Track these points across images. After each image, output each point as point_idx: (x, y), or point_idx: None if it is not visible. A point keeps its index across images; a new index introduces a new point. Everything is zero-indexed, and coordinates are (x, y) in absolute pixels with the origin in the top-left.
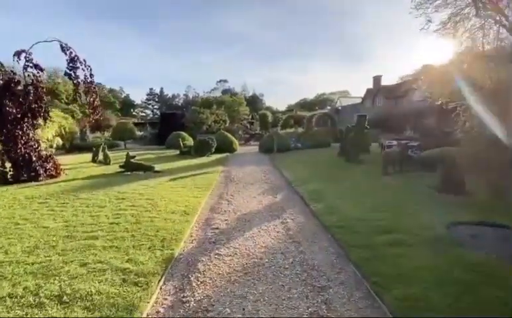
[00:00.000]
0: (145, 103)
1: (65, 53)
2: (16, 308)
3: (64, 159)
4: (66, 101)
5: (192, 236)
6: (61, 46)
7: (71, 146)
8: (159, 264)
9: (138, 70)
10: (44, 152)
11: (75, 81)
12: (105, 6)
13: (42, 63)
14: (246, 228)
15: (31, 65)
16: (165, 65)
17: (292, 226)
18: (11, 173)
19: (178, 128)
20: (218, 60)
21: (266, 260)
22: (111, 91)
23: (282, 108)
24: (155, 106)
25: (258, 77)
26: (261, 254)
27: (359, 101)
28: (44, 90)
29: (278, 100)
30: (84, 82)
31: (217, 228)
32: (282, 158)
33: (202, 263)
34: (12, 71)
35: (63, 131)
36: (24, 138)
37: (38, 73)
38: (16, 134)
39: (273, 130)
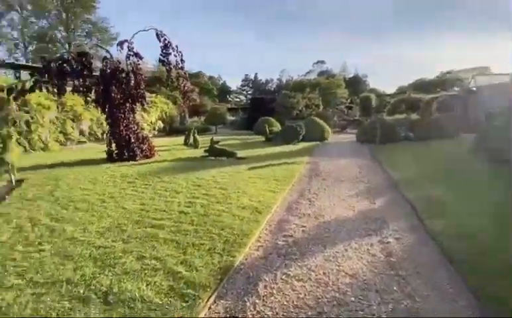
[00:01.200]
0: (240, 89)
1: (160, 41)
2: (65, 298)
3: (162, 141)
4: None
5: (259, 241)
6: (156, 33)
7: (171, 128)
8: (214, 274)
9: (234, 58)
10: (141, 134)
11: (167, 67)
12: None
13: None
14: (328, 242)
15: (132, 53)
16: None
17: (396, 250)
18: (116, 152)
19: (266, 113)
20: (315, 42)
21: (352, 299)
22: (210, 78)
23: (391, 90)
24: (249, 92)
25: (361, 57)
26: (346, 286)
27: (508, 78)
28: (143, 77)
29: (385, 81)
30: (176, 68)
31: (290, 236)
32: (387, 151)
33: (264, 283)
34: (118, 60)
35: (164, 115)
36: (125, 121)
37: (138, 61)
38: (119, 117)
39: (377, 116)
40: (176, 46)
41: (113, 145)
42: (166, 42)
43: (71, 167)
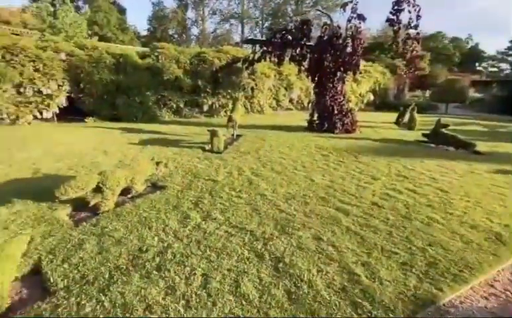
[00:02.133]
0: (502, 53)
1: None
2: (246, 247)
3: (368, 116)
4: (393, 55)
5: (492, 286)
6: None
7: (382, 103)
8: (404, 299)
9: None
10: (345, 106)
11: (395, 27)
12: None
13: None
14: None
15: (355, 15)
16: None
17: None
18: (317, 122)
19: None
20: None
21: None
22: (453, 40)
23: None
24: None
25: None
26: None
27: None
28: (362, 42)
29: None
30: (407, 27)
31: None
32: None
33: None
34: (338, 25)
35: (377, 87)
36: (332, 90)
37: (359, 23)
38: (327, 86)
39: None
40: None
41: (315, 115)
42: None
43: (277, 130)
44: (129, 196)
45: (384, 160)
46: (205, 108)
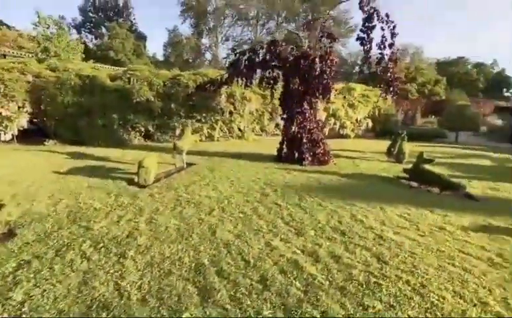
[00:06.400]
0: None
1: (363, 11)
2: None
3: (360, 144)
4: (404, 79)
5: None
6: (360, 1)
7: (383, 129)
8: None
9: None
10: (316, 135)
11: (365, 47)
12: None
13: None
14: None
15: (325, 34)
16: None
17: None
18: (285, 151)
19: None
20: None
21: None
22: (477, 66)
23: None
24: None
25: None
26: None
27: None
28: (333, 63)
29: None
30: (380, 46)
31: None
32: None
33: None
34: (309, 46)
35: (377, 112)
36: (300, 117)
37: (330, 43)
38: (295, 112)
39: None
40: (387, 15)
41: (285, 144)
42: (371, 11)
43: (242, 159)
44: None
45: (334, 205)
46: (178, 132)
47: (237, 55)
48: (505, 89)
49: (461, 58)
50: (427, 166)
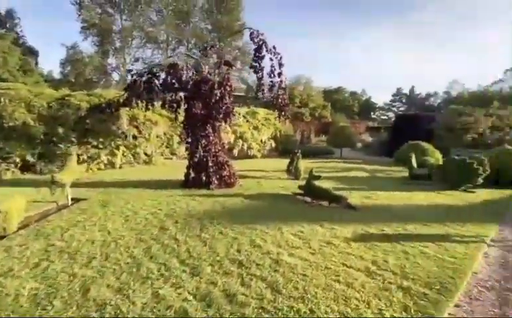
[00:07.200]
0: (389, 104)
1: (254, 42)
2: None
3: (264, 164)
4: (299, 104)
5: None
6: (250, 33)
7: (285, 149)
8: None
9: (385, 71)
10: (221, 158)
11: (258, 75)
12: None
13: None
14: None
15: (222, 61)
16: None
17: None
18: (192, 176)
19: (419, 136)
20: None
21: None
22: (352, 94)
23: None
24: (400, 108)
25: None
26: None
27: None
28: (232, 89)
29: None
30: (270, 75)
31: None
32: None
33: None
34: (209, 72)
35: (278, 134)
36: (204, 141)
37: (227, 70)
38: (199, 136)
39: None
40: (274, 47)
41: (191, 168)
42: (260, 43)
43: (145, 187)
44: None
45: (235, 231)
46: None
47: (134, 76)
48: (372, 112)
49: (340, 88)
50: (316, 182)
